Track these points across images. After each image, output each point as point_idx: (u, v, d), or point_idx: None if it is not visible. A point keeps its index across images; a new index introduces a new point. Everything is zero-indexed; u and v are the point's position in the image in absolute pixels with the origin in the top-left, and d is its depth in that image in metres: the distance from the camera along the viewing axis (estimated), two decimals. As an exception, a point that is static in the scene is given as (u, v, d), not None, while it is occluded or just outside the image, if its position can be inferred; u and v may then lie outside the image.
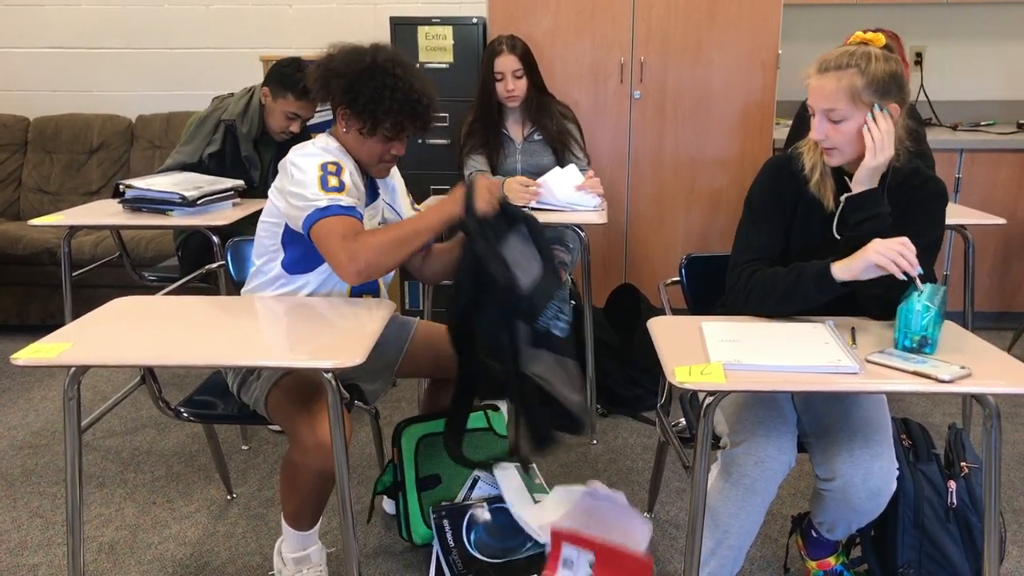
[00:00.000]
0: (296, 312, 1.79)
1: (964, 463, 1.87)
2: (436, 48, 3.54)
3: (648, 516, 2.31)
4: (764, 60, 3.50)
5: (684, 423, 1.93)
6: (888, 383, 1.41)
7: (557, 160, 2.96)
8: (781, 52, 3.49)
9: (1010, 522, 2.26)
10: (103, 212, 2.75)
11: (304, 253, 1.86)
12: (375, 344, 1.58)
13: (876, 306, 1.68)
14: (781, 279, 1.69)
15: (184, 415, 1.95)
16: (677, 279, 2.08)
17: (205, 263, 2.56)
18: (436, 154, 3.61)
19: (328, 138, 1.90)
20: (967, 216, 2.67)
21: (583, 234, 2.68)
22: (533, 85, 2.95)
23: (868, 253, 1.57)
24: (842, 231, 1.70)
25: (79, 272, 3.04)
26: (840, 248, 1.65)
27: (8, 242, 3.64)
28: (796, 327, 1.64)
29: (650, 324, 1.69)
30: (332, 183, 1.76)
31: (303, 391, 1.77)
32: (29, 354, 1.49)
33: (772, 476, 1.65)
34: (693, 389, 1.41)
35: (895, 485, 1.65)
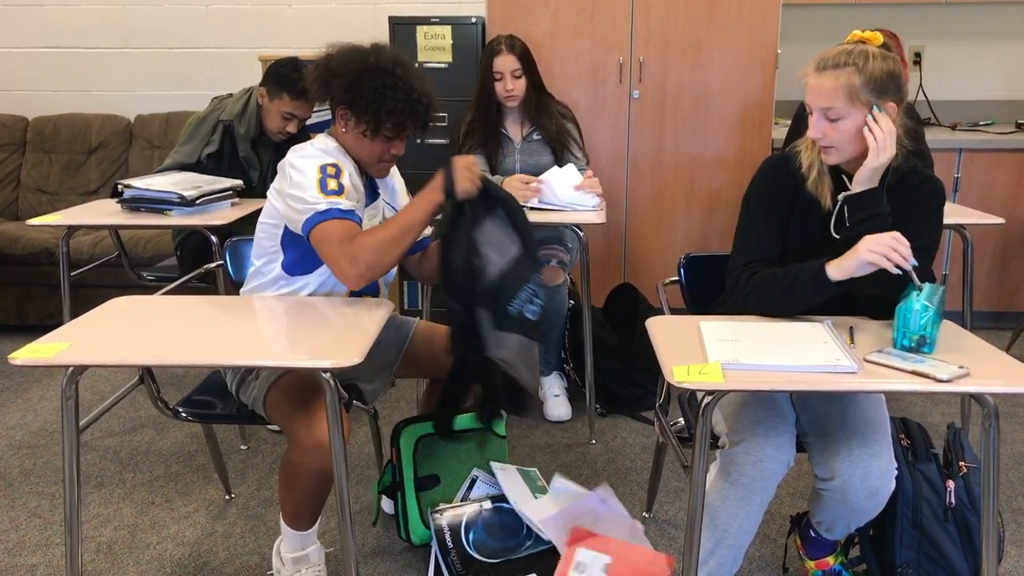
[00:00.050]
0: (295, 312, 1.79)
1: (963, 463, 1.87)
2: (435, 48, 3.54)
3: (647, 516, 2.31)
4: (763, 60, 3.50)
5: (683, 423, 1.93)
6: (886, 382, 1.41)
7: (556, 160, 2.96)
8: (780, 52, 3.49)
9: (1008, 522, 2.26)
10: (102, 212, 2.75)
11: (304, 255, 1.85)
12: (374, 344, 1.58)
13: (875, 305, 1.68)
14: (778, 281, 1.69)
15: (182, 415, 1.95)
16: (676, 279, 2.08)
17: (204, 263, 2.57)
18: (435, 154, 3.61)
19: (327, 138, 1.89)
20: (966, 216, 2.67)
21: (582, 234, 2.68)
22: (532, 85, 2.95)
23: (860, 252, 1.57)
24: (840, 230, 1.70)
25: (77, 272, 3.04)
26: (838, 247, 1.65)
27: (7, 242, 3.64)
28: (794, 326, 1.64)
29: (648, 324, 1.68)
30: (331, 186, 1.75)
31: (302, 391, 1.77)
32: (27, 354, 1.49)
33: (771, 476, 1.65)
34: (691, 389, 1.41)
35: (894, 485, 1.65)
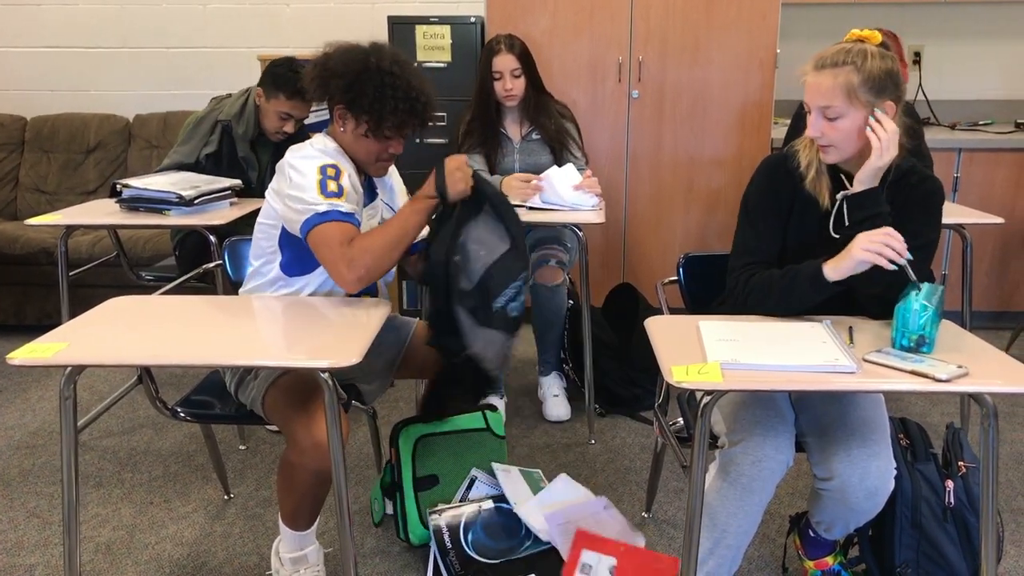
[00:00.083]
0: (293, 311, 1.79)
1: (962, 463, 1.87)
2: (434, 47, 3.54)
3: (646, 516, 2.31)
4: (762, 59, 3.50)
5: (682, 423, 1.93)
6: (885, 382, 1.41)
7: (555, 159, 2.96)
8: (779, 51, 3.49)
9: (1008, 521, 2.26)
10: (100, 212, 2.74)
11: (301, 255, 1.85)
12: (373, 344, 1.58)
13: (874, 305, 1.68)
14: (777, 282, 1.69)
15: (181, 415, 1.95)
16: (675, 278, 2.08)
17: (202, 263, 2.56)
18: (434, 153, 3.58)
19: (325, 138, 1.89)
20: (965, 215, 2.67)
21: (581, 234, 2.68)
22: (531, 84, 2.95)
23: (854, 251, 1.57)
24: (839, 229, 1.70)
25: (76, 272, 3.04)
26: (837, 246, 1.65)
27: (5, 242, 3.63)
28: (793, 326, 1.63)
29: (647, 323, 1.68)
30: (331, 187, 1.75)
31: (300, 391, 1.76)
32: (25, 354, 1.48)
33: (770, 475, 1.65)
34: (690, 388, 1.41)
35: (892, 484, 1.65)
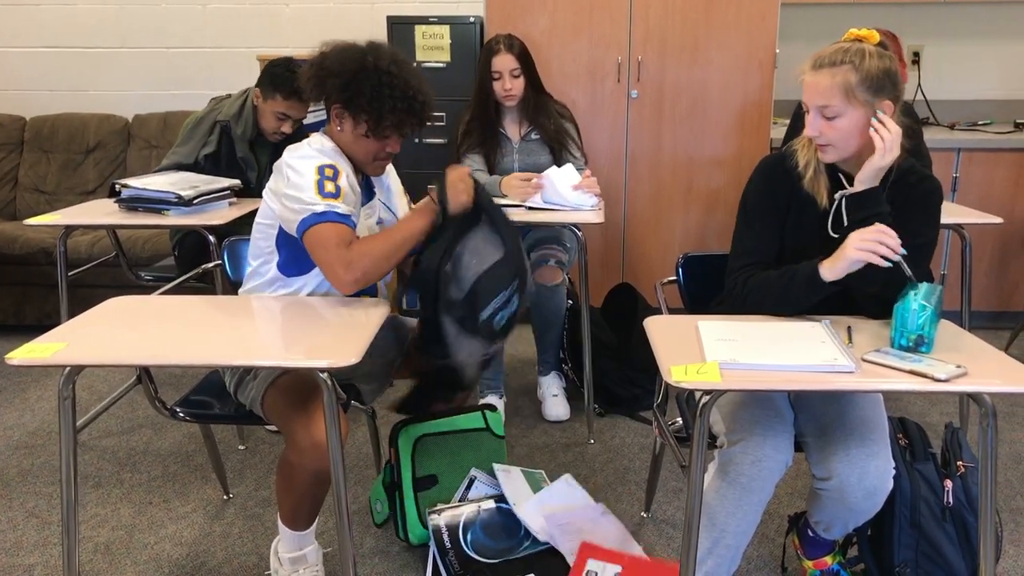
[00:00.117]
0: (292, 311, 1.79)
1: (960, 462, 1.87)
2: (433, 47, 3.54)
3: (645, 515, 2.31)
4: (762, 60, 3.50)
5: (681, 423, 1.93)
6: (884, 382, 1.41)
7: (554, 159, 2.96)
8: (779, 52, 3.49)
9: (1006, 521, 2.26)
10: (99, 212, 2.74)
11: (299, 255, 1.85)
12: (372, 345, 1.58)
13: (873, 305, 1.68)
14: (774, 283, 1.69)
15: (180, 415, 1.95)
16: (674, 278, 2.08)
17: (201, 263, 2.56)
18: (433, 153, 3.61)
19: (323, 138, 1.89)
20: (964, 215, 2.67)
21: (580, 234, 2.68)
22: (530, 84, 2.95)
23: (847, 251, 1.58)
24: (837, 229, 1.70)
25: (75, 272, 3.04)
26: (836, 246, 1.65)
27: (4, 242, 3.63)
28: (792, 326, 1.63)
29: (646, 323, 1.68)
30: (328, 188, 1.75)
31: (299, 391, 1.76)
32: (23, 354, 1.48)
33: (769, 475, 1.65)
34: (689, 388, 1.41)
35: (891, 484, 1.65)
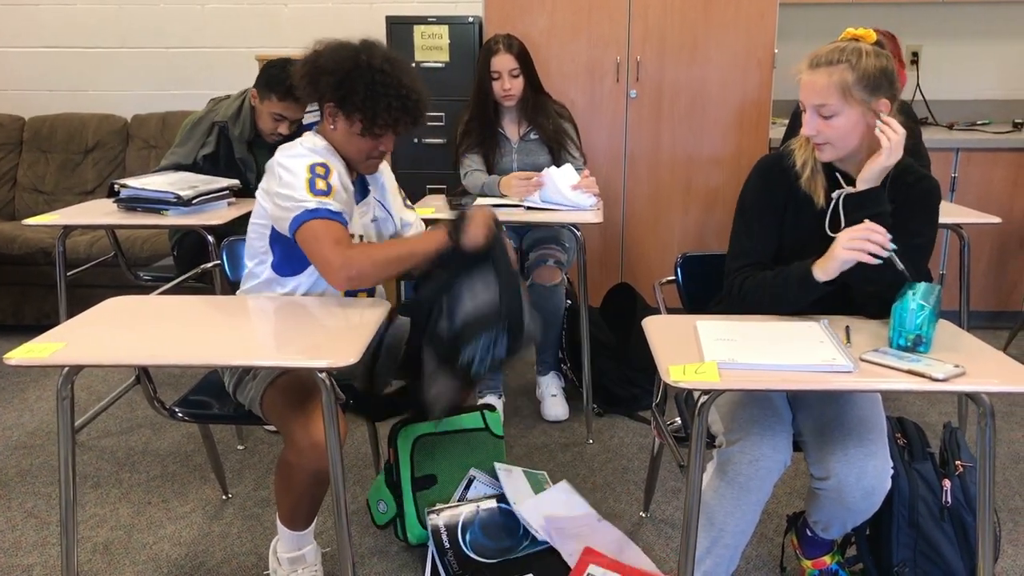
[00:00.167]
0: (291, 312, 1.79)
1: (959, 462, 1.87)
2: (432, 47, 3.54)
3: (644, 515, 2.31)
4: (760, 59, 3.50)
5: (680, 422, 1.93)
6: (882, 382, 1.41)
7: (553, 159, 2.96)
8: (777, 51, 3.49)
9: (1005, 521, 2.26)
10: (98, 212, 2.74)
11: (292, 254, 1.85)
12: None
13: (871, 305, 1.68)
14: (769, 284, 1.70)
15: (179, 415, 1.95)
16: (672, 278, 2.08)
17: (200, 263, 2.56)
18: (432, 153, 3.62)
19: (315, 137, 1.89)
20: (963, 215, 2.67)
21: (579, 233, 2.68)
22: (529, 84, 2.95)
23: (837, 251, 1.58)
24: (835, 228, 1.70)
25: (74, 272, 3.04)
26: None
27: (3, 242, 3.63)
28: (791, 326, 1.64)
29: (645, 323, 1.68)
30: (320, 186, 1.75)
31: (298, 391, 1.76)
32: (22, 354, 1.48)
33: (767, 475, 1.65)
34: (688, 388, 1.41)
35: (889, 484, 1.65)
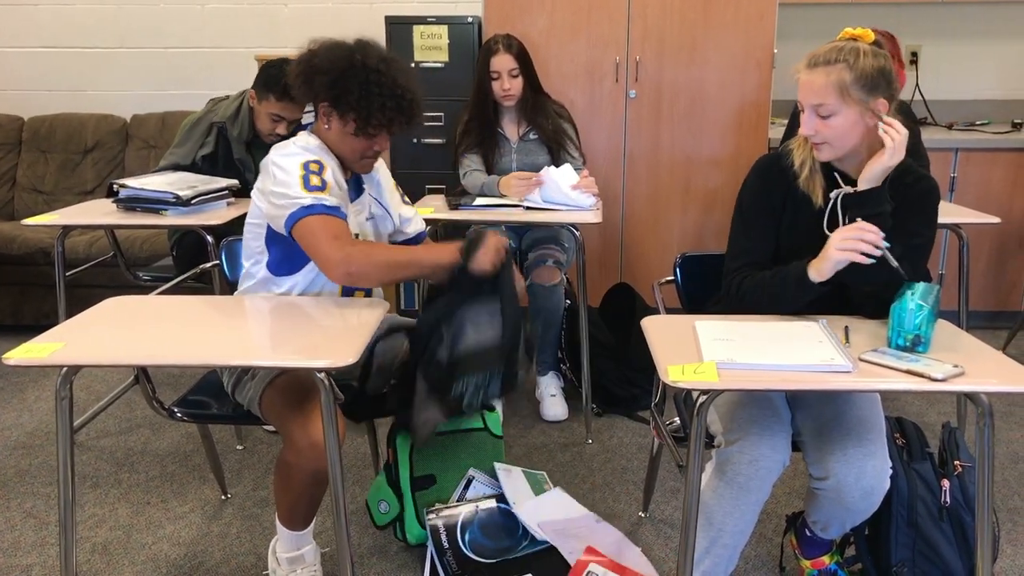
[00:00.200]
0: (290, 312, 1.79)
1: (958, 462, 1.87)
2: (431, 47, 3.54)
3: (643, 515, 2.31)
4: (760, 59, 3.50)
5: (679, 422, 1.93)
6: (881, 382, 1.41)
7: (552, 159, 2.96)
8: (777, 51, 3.49)
9: (1003, 520, 2.26)
10: (97, 212, 2.74)
11: (288, 253, 1.85)
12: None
13: (870, 305, 1.68)
14: (766, 285, 1.70)
15: (178, 415, 1.95)
16: (672, 278, 2.08)
17: (199, 263, 2.56)
18: (431, 153, 3.62)
19: (308, 136, 1.89)
20: (962, 215, 2.67)
21: (578, 233, 2.68)
22: (529, 84, 2.95)
23: (830, 252, 1.59)
24: (833, 228, 1.70)
25: (73, 272, 3.04)
26: None
27: (2, 242, 3.63)
28: (789, 326, 1.64)
29: (644, 323, 1.68)
30: (314, 182, 1.75)
31: (297, 391, 1.76)
32: (20, 354, 1.48)
33: (766, 475, 1.65)
34: (686, 388, 1.41)
35: (888, 484, 1.65)
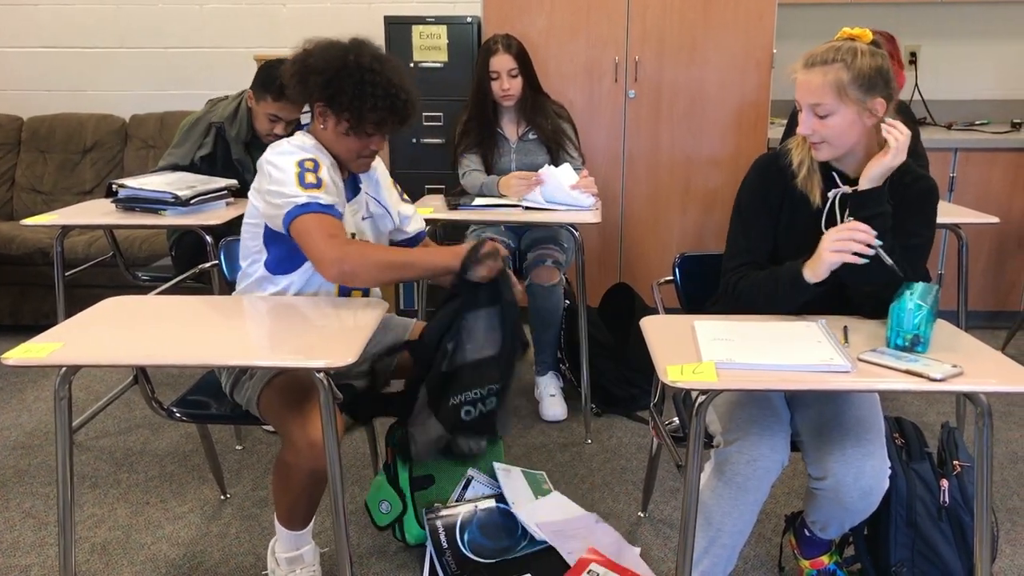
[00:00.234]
0: (289, 312, 1.79)
1: (956, 462, 1.87)
2: (430, 47, 3.54)
3: (642, 515, 2.31)
4: (759, 59, 3.50)
5: (678, 422, 1.93)
6: (880, 382, 1.41)
7: (552, 159, 2.96)
8: (776, 51, 3.49)
9: (1002, 521, 2.27)
10: (96, 212, 2.74)
11: (286, 252, 1.85)
12: (370, 345, 1.58)
13: (869, 305, 1.68)
14: (762, 285, 1.70)
15: (177, 415, 1.95)
16: (671, 278, 2.08)
17: (198, 263, 2.56)
18: (430, 153, 3.62)
19: (304, 135, 1.89)
20: (961, 215, 2.67)
21: (577, 233, 2.68)
22: (528, 84, 2.95)
23: (823, 254, 1.59)
24: (831, 227, 1.70)
25: (72, 272, 3.03)
26: None
27: (2, 242, 3.63)
28: (788, 326, 1.64)
29: (643, 323, 1.68)
30: (309, 179, 1.75)
31: (295, 391, 1.76)
32: (19, 354, 1.48)
33: (765, 475, 1.65)
34: (685, 388, 1.41)
35: (887, 484, 1.65)
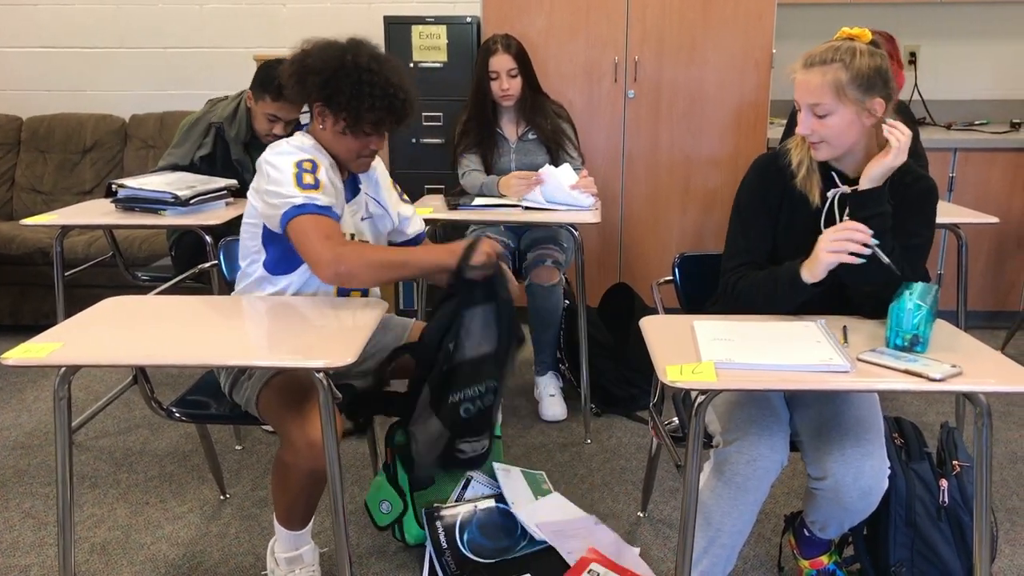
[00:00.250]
0: (288, 311, 1.79)
1: (956, 462, 1.87)
2: (430, 47, 3.54)
3: (642, 515, 2.31)
4: (758, 59, 3.50)
5: (677, 422, 1.93)
6: (879, 382, 1.41)
7: (551, 159, 2.96)
8: (775, 52, 3.49)
9: (1002, 521, 2.27)
10: (96, 212, 2.74)
11: (285, 253, 1.85)
12: (369, 344, 1.58)
13: (868, 305, 1.69)
14: (761, 285, 1.70)
15: (176, 415, 1.95)
16: (670, 278, 2.09)
17: (198, 263, 2.56)
18: (430, 153, 3.62)
19: (303, 136, 1.89)
20: (960, 215, 2.67)
21: (577, 234, 2.68)
22: (528, 84, 2.95)
23: (820, 254, 1.59)
24: (830, 227, 1.70)
25: (72, 272, 3.03)
26: None
27: (1, 242, 3.62)
28: (788, 326, 1.64)
29: (642, 323, 1.69)
30: (307, 180, 1.75)
31: (294, 391, 1.76)
32: (19, 354, 1.48)
33: (764, 475, 1.65)
34: (685, 388, 1.41)
35: (886, 484, 1.66)
